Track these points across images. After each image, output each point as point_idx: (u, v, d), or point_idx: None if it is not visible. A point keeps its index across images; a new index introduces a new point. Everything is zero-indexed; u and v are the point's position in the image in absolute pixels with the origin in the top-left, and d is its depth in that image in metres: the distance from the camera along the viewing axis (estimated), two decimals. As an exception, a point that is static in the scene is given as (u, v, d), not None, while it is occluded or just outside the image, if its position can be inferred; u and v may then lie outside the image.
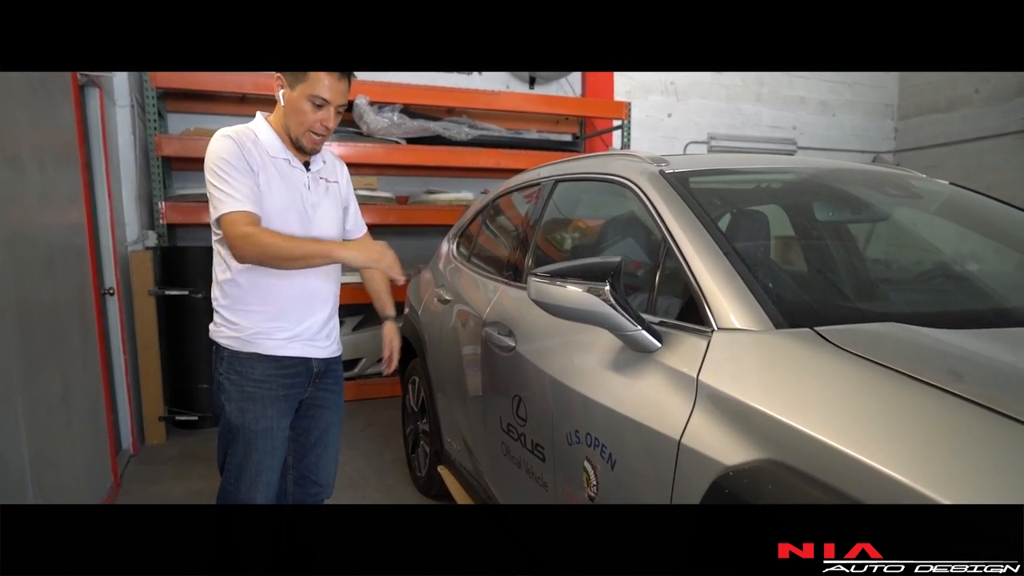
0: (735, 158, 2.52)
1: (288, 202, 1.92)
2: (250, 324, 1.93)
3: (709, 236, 1.56)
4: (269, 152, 1.92)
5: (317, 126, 1.89)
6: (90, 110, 3.66)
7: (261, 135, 1.93)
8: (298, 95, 1.87)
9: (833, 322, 1.28)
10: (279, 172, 1.92)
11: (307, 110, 1.87)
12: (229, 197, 1.81)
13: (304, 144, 1.93)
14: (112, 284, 3.76)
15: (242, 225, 1.79)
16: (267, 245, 1.78)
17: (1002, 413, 0.96)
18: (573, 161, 2.54)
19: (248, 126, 1.95)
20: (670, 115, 6.72)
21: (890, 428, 1.01)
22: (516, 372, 2.06)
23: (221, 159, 1.83)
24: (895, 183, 2.06)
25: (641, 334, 1.48)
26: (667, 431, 1.35)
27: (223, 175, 1.82)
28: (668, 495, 1.34)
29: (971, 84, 6.81)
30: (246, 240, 1.78)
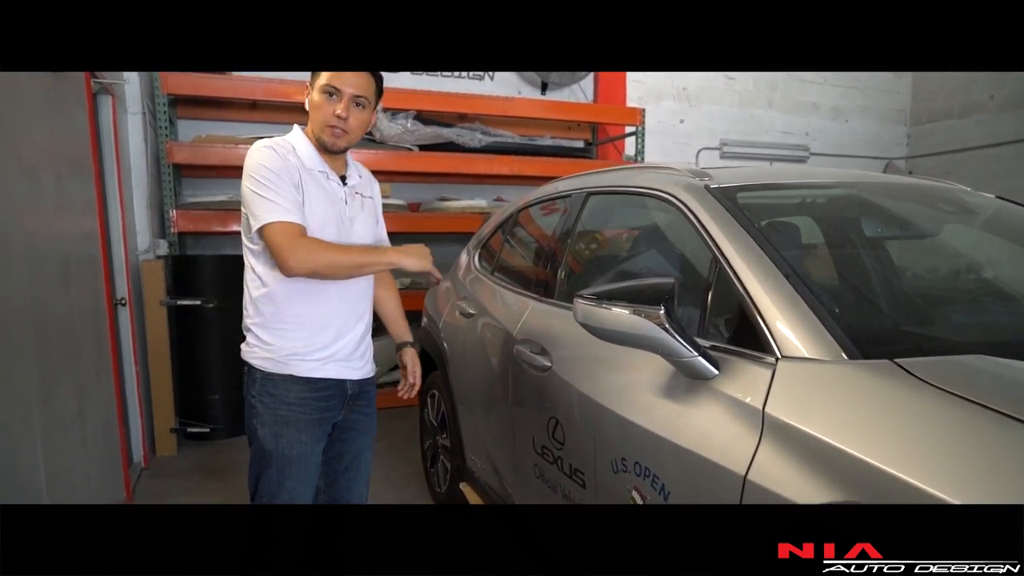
0: (780, 171, 2.45)
1: (327, 216, 1.87)
2: (284, 344, 1.86)
3: (767, 257, 1.49)
4: (306, 164, 1.87)
5: (332, 118, 1.83)
6: (102, 117, 3.60)
7: (299, 148, 1.88)
8: (315, 93, 1.86)
9: (910, 352, 1.21)
10: (317, 185, 1.87)
11: (320, 103, 1.84)
12: (277, 206, 1.74)
13: (325, 140, 1.86)
14: (124, 294, 3.69)
15: (296, 236, 1.73)
16: (330, 254, 1.75)
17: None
18: (604, 173, 2.48)
19: (286, 138, 1.90)
20: (682, 121, 6.66)
21: (995, 475, 0.94)
22: (552, 393, 1.99)
23: (264, 167, 1.78)
24: (946, 198, 2.00)
25: (698, 361, 1.41)
26: (731, 465, 1.28)
27: (267, 183, 1.76)
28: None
29: (986, 90, 6.76)
30: (305, 251, 1.72)
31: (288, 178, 1.78)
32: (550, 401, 2.01)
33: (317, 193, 1.86)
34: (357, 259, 1.80)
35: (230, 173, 4.99)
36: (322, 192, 1.87)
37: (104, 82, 3.46)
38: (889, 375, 1.14)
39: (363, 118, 1.89)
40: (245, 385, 1.93)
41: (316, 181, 1.87)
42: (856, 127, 7.31)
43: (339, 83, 1.81)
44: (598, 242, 2.52)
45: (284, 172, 1.78)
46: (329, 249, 1.76)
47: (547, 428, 2.01)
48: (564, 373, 1.95)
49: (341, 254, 1.78)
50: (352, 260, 1.79)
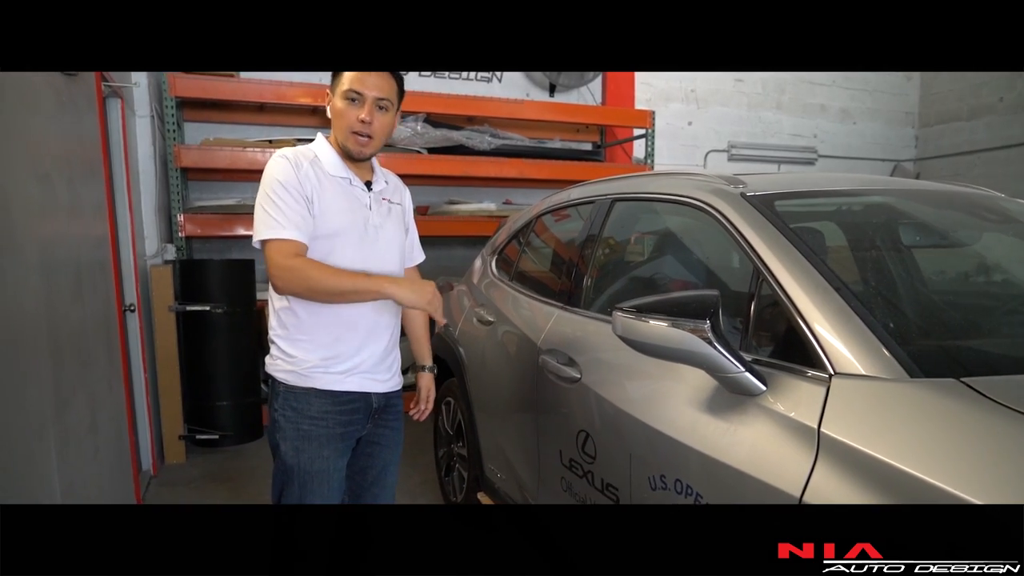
0: (813, 177, 2.40)
1: (348, 223, 1.82)
2: (307, 356, 1.82)
3: (814, 269, 1.45)
4: (329, 171, 1.82)
5: (356, 124, 1.78)
6: (111, 121, 3.55)
7: (321, 154, 1.84)
8: (337, 99, 1.81)
9: (973, 370, 1.16)
10: (339, 191, 1.82)
11: (343, 108, 1.79)
12: (275, 222, 1.71)
13: (350, 148, 1.82)
14: (133, 300, 3.65)
15: (287, 256, 1.70)
16: (313, 279, 1.69)
17: None
18: (628, 179, 2.43)
19: (308, 146, 1.87)
20: (690, 123, 6.62)
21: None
22: (582, 405, 1.95)
23: (275, 180, 1.75)
24: (986, 205, 1.95)
25: (745, 376, 1.37)
26: (784, 486, 1.24)
27: (274, 198, 1.73)
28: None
29: (995, 92, 6.72)
30: (290, 272, 1.69)
31: (297, 191, 1.74)
32: (579, 413, 1.97)
33: (338, 199, 1.81)
34: (343, 284, 1.71)
35: (238, 176, 4.95)
36: (344, 198, 1.82)
37: (114, 85, 3.41)
38: (957, 395, 1.10)
39: (387, 121, 1.83)
40: (269, 398, 1.89)
41: (338, 187, 1.83)
42: (864, 129, 7.28)
43: (361, 87, 1.77)
44: (624, 250, 2.47)
45: (293, 185, 1.74)
46: (321, 273, 1.71)
47: (576, 441, 1.97)
48: (595, 385, 1.90)
49: (327, 278, 1.70)
50: (338, 285, 1.70)
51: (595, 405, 1.89)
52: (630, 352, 1.54)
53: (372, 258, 1.88)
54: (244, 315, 4.27)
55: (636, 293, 2.30)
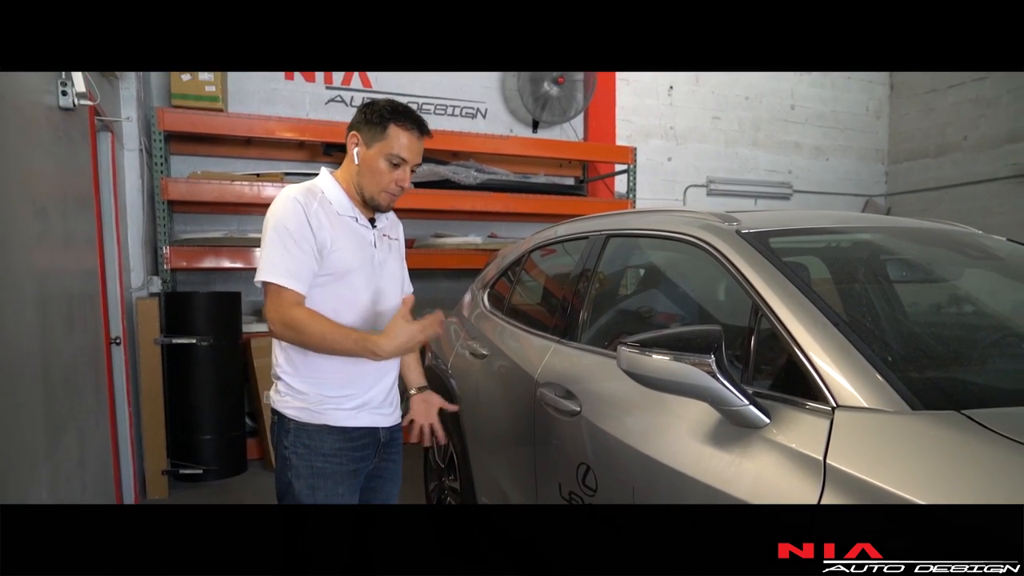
0: (803, 214, 2.49)
1: (358, 262, 1.85)
2: (318, 392, 1.82)
3: (812, 305, 1.51)
4: (338, 211, 1.84)
5: (393, 186, 1.84)
6: (102, 154, 3.55)
7: (329, 193, 1.86)
8: (375, 154, 1.82)
9: (972, 403, 1.22)
10: (348, 231, 1.85)
11: (384, 169, 1.82)
12: (280, 269, 1.73)
13: (380, 203, 1.87)
14: (119, 333, 3.61)
15: (286, 306, 1.72)
16: (305, 334, 1.71)
17: None
18: (621, 216, 2.50)
19: (316, 183, 1.88)
20: (670, 159, 6.77)
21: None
22: (582, 438, 1.98)
23: (285, 225, 1.76)
24: (967, 243, 2.04)
25: (749, 410, 1.41)
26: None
27: (283, 242, 1.75)
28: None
29: (959, 132, 6.98)
30: (284, 323, 1.71)
31: (307, 241, 1.75)
32: (579, 446, 1.99)
33: (347, 239, 1.84)
34: (334, 345, 1.72)
35: (225, 209, 4.95)
36: (352, 237, 1.85)
37: (106, 119, 3.43)
38: (959, 427, 1.15)
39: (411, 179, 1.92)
40: (275, 436, 1.88)
41: (347, 226, 1.85)
42: (837, 166, 7.50)
43: (408, 155, 1.82)
44: (620, 284, 2.52)
45: (304, 234, 1.75)
46: (310, 328, 1.70)
47: (576, 474, 1.99)
48: (595, 418, 1.93)
49: (318, 338, 1.71)
50: (330, 346, 1.72)
51: (596, 438, 1.91)
52: (631, 385, 1.57)
53: (379, 294, 1.92)
54: (230, 348, 4.25)
55: (632, 327, 2.36)
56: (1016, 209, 6.47)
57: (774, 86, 7.13)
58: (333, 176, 1.91)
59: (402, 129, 1.80)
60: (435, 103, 5.78)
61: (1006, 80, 6.58)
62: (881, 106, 7.69)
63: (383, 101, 1.86)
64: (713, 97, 6.89)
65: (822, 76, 7.36)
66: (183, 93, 4.49)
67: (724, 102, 6.94)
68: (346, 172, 1.90)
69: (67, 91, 2.64)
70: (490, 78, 5.99)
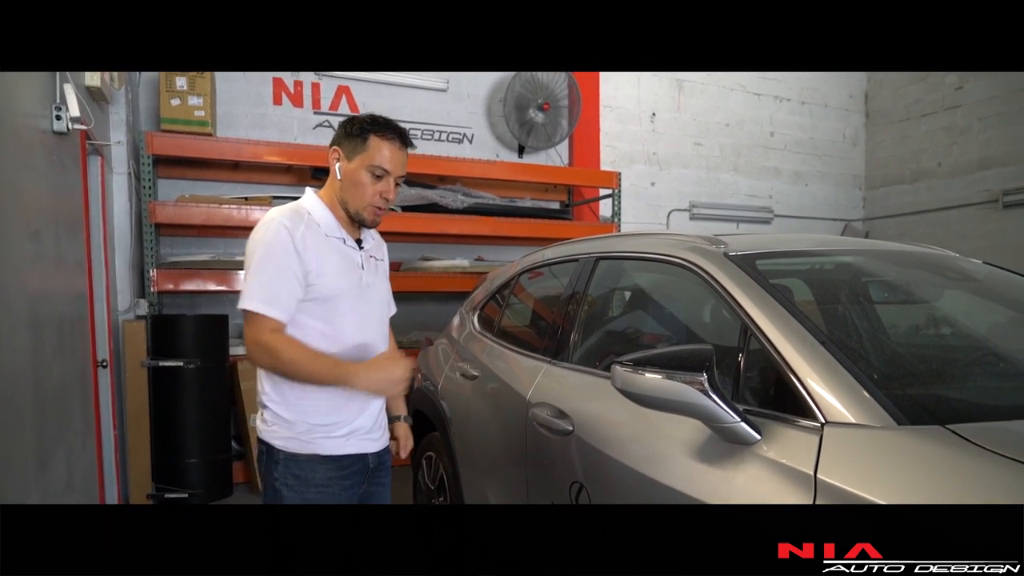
0: (787, 237, 2.55)
1: (346, 285, 1.83)
2: (307, 420, 1.79)
3: (800, 324, 1.56)
4: (325, 232, 1.82)
5: (378, 199, 1.81)
6: (91, 178, 3.56)
7: (316, 214, 1.83)
8: (356, 167, 1.80)
9: (955, 418, 1.27)
10: (336, 253, 1.82)
11: (367, 182, 1.79)
12: (263, 296, 1.70)
13: (365, 218, 1.84)
14: (105, 355, 3.60)
15: (265, 332, 1.70)
16: (282, 362, 1.69)
17: None
18: (610, 239, 2.55)
19: (301, 205, 1.85)
20: (653, 184, 6.88)
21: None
22: (575, 457, 2.00)
23: (268, 250, 1.72)
24: (946, 265, 2.12)
25: (740, 426, 1.45)
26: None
27: (264, 267, 1.72)
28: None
29: (934, 158, 7.17)
30: (263, 351, 1.70)
31: (291, 270, 1.72)
32: (572, 465, 2.02)
33: (335, 262, 1.81)
34: (318, 375, 1.70)
35: (212, 232, 4.96)
36: (340, 260, 1.83)
37: (96, 143, 3.44)
38: (944, 441, 1.20)
39: (397, 193, 1.90)
40: (263, 466, 1.85)
41: (334, 249, 1.83)
42: (816, 191, 7.65)
43: (391, 166, 1.80)
44: (610, 306, 2.57)
45: (289, 258, 1.72)
46: (288, 356, 1.68)
47: (569, 492, 2.01)
48: (588, 437, 1.96)
49: (295, 368, 1.69)
50: (312, 375, 1.70)
51: (589, 457, 1.94)
52: (623, 404, 1.61)
53: (367, 316, 1.89)
54: (216, 371, 4.23)
55: (624, 348, 2.40)
56: (989, 233, 6.64)
57: (753, 113, 7.29)
58: (318, 196, 1.87)
59: (383, 140, 1.79)
60: (422, 128, 5.85)
61: (976, 108, 6.78)
62: (857, 133, 7.88)
63: (363, 115, 1.84)
64: (695, 123, 7.03)
65: (799, 104, 7.54)
66: (172, 117, 4.52)
67: (705, 128, 7.08)
68: (330, 190, 1.86)
69: (61, 115, 2.67)
70: (476, 104, 6.08)
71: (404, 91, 5.76)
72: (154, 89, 4.67)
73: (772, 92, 7.37)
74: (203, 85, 4.58)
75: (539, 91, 5.88)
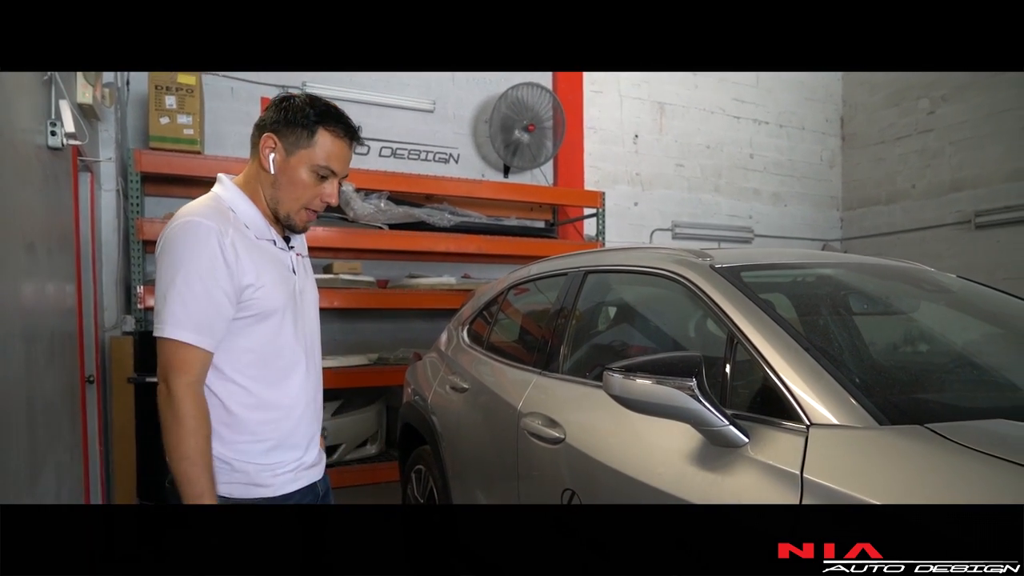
0: (769, 251, 2.64)
1: (284, 298, 1.57)
2: (251, 459, 1.54)
3: (784, 332, 1.62)
4: (255, 235, 1.54)
5: (317, 202, 1.58)
6: (81, 194, 3.57)
7: (241, 212, 1.55)
8: (297, 163, 1.53)
9: (936, 418, 1.33)
10: (269, 261, 1.55)
11: (308, 183, 1.54)
12: (189, 322, 1.42)
13: (296, 222, 1.59)
14: (92, 371, 3.58)
15: (189, 372, 1.43)
16: (176, 432, 1.43)
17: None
18: (598, 253, 2.62)
19: (222, 199, 1.56)
20: (636, 204, 6.99)
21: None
22: (567, 465, 2.04)
23: (193, 266, 1.43)
24: (922, 278, 2.20)
25: (729, 430, 1.50)
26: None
27: (190, 284, 1.42)
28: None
29: (908, 180, 7.36)
30: (172, 409, 1.44)
31: (219, 278, 1.44)
32: (564, 472, 2.06)
33: (270, 272, 1.55)
34: (184, 463, 1.42)
35: (198, 249, 4.95)
36: (275, 268, 1.57)
37: (87, 160, 3.46)
38: (925, 439, 1.26)
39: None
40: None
41: (267, 255, 1.56)
42: (795, 212, 7.81)
43: (339, 166, 1.57)
44: (598, 318, 2.63)
45: (216, 272, 1.44)
46: (189, 427, 1.43)
47: (561, 499, 2.05)
48: (580, 444, 2.00)
49: (190, 450, 1.42)
50: (179, 455, 1.43)
51: (580, 463, 1.98)
52: (614, 411, 1.66)
53: (303, 329, 1.65)
54: (203, 388, 4.21)
55: (611, 357, 2.45)
56: (963, 253, 6.81)
57: (733, 136, 7.44)
58: (238, 187, 1.59)
59: (333, 135, 1.54)
60: (409, 148, 5.91)
61: (948, 132, 6.98)
62: (834, 156, 8.07)
63: (304, 97, 1.57)
64: (676, 145, 7.16)
65: (778, 127, 7.71)
66: (161, 135, 4.53)
67: (687, 150, 7.22)
68: (255, 182, 1.59)
69: (56, 131, 2.70)
70: (463, 125, 6.16)
71: (391, 111, 5.83)
72: (143, 108, 4.69)
73: (751, 115, 7.54)
74: (192, 104, 4.61)
75: (524, 112, 5.97)
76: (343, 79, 5.55)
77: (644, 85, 7.00)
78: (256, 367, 1.55)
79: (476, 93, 6.19)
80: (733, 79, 7.41)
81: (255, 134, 1.59)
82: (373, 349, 5.17)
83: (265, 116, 1.58)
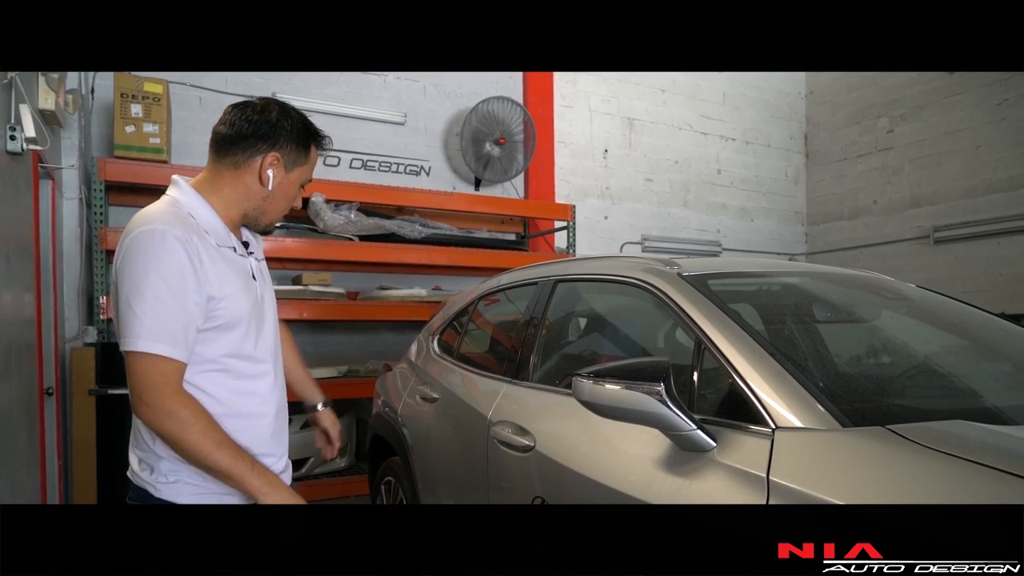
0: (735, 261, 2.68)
1: (248, 306, 1.55)
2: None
3: (750, 337, 1.65)
4: (216, 242, 1.51)
5: (287, 208, 1.66)
6: (42, 202, 3.50)
7: (202, 219, 1.50)
8: (296, 179, 1.60)
9: (897, 420, 1.36)
10: (231, 269, 1.53)
11: (294, 195, 1.63)
12: (161, 334, 1.37)
13: (272, 230, 1.68)
14: (51, 383, 3.49)
15: (170, 389, 1.38)
16: (186, 441, 1.38)
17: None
18: (569, 263, 2.64)
19: (181, 205, 1.50)
20: (606, 217, 7.05)
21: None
22: (537, 472, 2.04)
23: (159, 275, 1.37)
24: (882, 287, 2.26)
25: (697, 434, 1.52)
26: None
27: (159, 295, 1.37)
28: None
29: (869, 196, 7.56)
30: (168, 413, 1.37)
31: (186, 288, 1.40)
32: (534, 480, 2.06)
33: (233, 280, 1.52)
34: (219, 462, 1.40)
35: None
36: (237, 276, 1.54)
37: (48, 167, 3.39)
38: (887, 440, 1.28)
39: None
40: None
41: (229, 262, 1.53)
42: (761, 226, 7.95)
43: (312, 176, 1.67)
44: (568, 326, 2.64)
45: (184, 282, 1.40)
46: (202, 429, 1.40)
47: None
48: (549, 451, 2.00)
49: (203, 451, 1.39)
50: (210, 460, 1.40)
51: (550, 471, 1.98)
52: (583, 418, 1.67)
53: (266, 339, 1.62)
54: (167, 401, 4.12)
55: (580, 365, 2.46)
56: (922, 267, 6.99)
57: (701, 152, 7.57)
58: (198, 192, 1.53)
59: (317, 149, 1.65)
60: (380, 160, 5.90)
61: (907, 150, 7.19)
62: (799, 172, 8.25)
63: (297, 114, 1.61)
64: (645, 160, 7.26)
65: (744, 144, 7.86)
66: (127, 144, 4.46)
67: (656, 165, 7.32)
68: (232, 193, 1.55)
69: (16, 135, 2.64)
70: (434, 137, 6.17)
71: (361, 123, 5.82)
72: (108, 115, 4.62)
73: (718, 132, 7.68)
74: (159, 112, 4.55)
75: (495, 126, 6.01)
76: (314, 90, 5.54)
77: (614, 100, 7.09)
78: (225, 376, 1.52)
79: (447, 106, 6.21)
80: (701, 96, 7.55)
81: (228, 143, 1.55)
82: (343, 361, 5.12)
83: (267, 128, 1.55)
